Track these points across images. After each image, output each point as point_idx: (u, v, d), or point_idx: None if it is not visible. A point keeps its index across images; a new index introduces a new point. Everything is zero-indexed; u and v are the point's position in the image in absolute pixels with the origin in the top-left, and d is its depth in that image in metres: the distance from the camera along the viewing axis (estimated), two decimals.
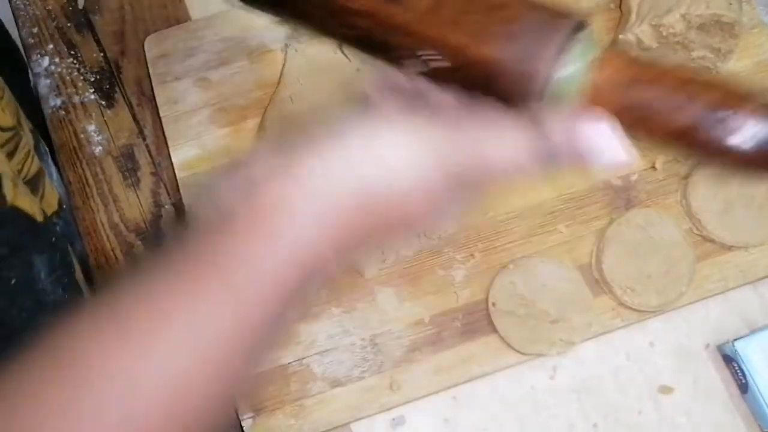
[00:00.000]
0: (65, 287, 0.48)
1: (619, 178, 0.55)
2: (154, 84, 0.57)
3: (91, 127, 0.58)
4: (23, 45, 0.60)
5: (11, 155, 0.48)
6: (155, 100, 0.57)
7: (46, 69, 0.59)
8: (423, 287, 0.53)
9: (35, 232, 0.48)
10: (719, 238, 0.53)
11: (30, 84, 0.60)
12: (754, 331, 0.52)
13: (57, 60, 0.59)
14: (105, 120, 0.58)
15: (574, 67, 0.29)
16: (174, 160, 0.55)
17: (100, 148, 0.57)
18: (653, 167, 0.56)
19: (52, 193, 0.52)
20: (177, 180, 0.55)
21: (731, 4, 0.53)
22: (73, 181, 0.57)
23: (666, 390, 0.52)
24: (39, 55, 0.59)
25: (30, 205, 0.47)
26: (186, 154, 0.56)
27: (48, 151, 0.57)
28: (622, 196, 0.55)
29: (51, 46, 0.60)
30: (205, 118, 0.57)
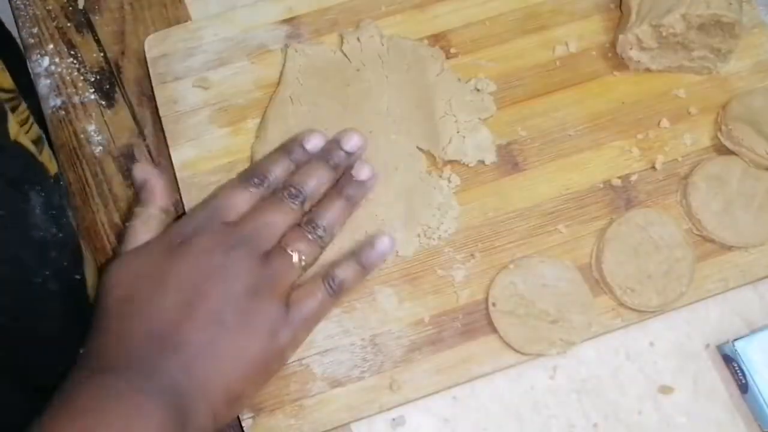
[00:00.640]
0: (60, 227, 0.47)
1: (619, 178, 0.55)
2: (154, 84, 0.57)
3: (91, 127, 0.58)
4: (23, 45, 0.60)
5: (13, 111, 0.47)
6: (155, 100, 0.57)
7: (46, 69, 0.59)
8: (423, 287, 0.53)
9: (36, 169, 0.47)
10: (719, 238, 0.53)
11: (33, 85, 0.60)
12: (754, 331, 0.52)
13: (57, 60, 0.59)
14: (105, 120, 0.58)
15: None
16: (174, 160, 0.55)
17: (100, 148, 0.57)
18: (653, 167, 0.56)
19: (50, 162, 0.51)
20: (177, 180, 0.55)
21: (731, 4, 0.53)
22: (73, 181, 0.57)
23: (666, 390, 0.52)
24: (39, 55, 0.60)
25: (31, 147, 0.47)
26: (186, 154, 0.56)
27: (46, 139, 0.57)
28: (622, 196, 0.55)
29: (51, 46, 0.60)
30: (205, 118, 0.57)
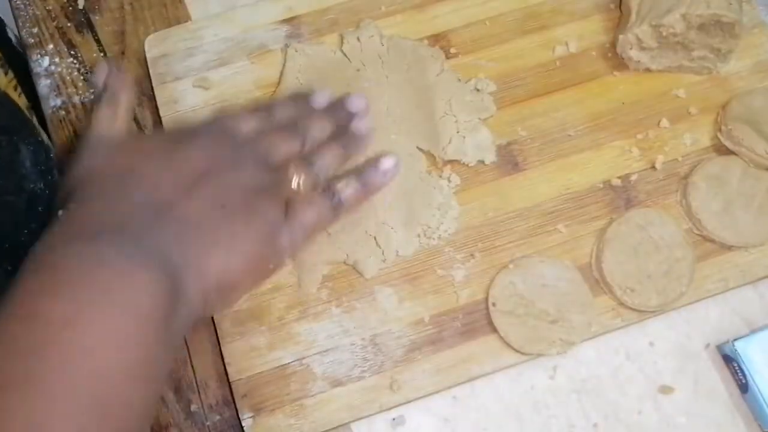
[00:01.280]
0: (47, 185, 0.47)
1: (619, 178, 0.55)
2: (154, 84, 0.57)
3: None
4: (23, 45, 0.60)
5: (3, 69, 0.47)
6: (155, 100, 0.57)
7: (46, 69, 0.59)
8: (423, 287, 0.53)
9: (24, 122, 0.47)
10: (719, 238, 0.53)
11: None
12: (754, 331, 0.52)
13: (57, 60, 0.59)
14: None
15: None
16: None
17: None
18: (653, 167, 0.56)
19: (41, 132, 0.51)
20: None
21: (731, 4, 0.53)
22: None
23: (666, 390, 0.52)
24: (39, 55, 0.60)
25: (19, 102, 0.47)
26: None
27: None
28: (622, 196, 0.55)
29: (51, 46, 0.60)
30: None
